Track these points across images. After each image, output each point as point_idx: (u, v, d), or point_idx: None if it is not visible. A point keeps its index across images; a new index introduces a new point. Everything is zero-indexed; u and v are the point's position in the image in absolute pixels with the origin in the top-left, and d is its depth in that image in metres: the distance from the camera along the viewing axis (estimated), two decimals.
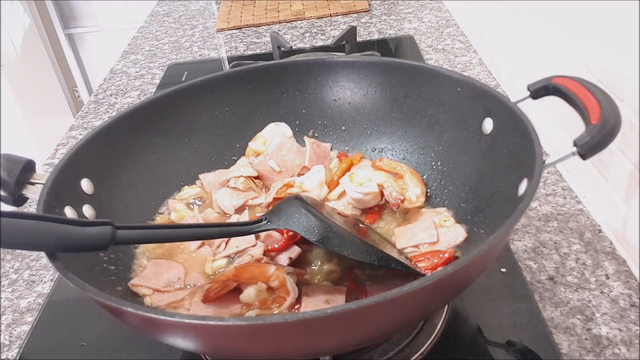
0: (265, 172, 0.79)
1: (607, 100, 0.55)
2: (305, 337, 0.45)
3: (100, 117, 1.23)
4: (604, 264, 0.70)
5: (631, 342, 0.60)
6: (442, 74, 0.73)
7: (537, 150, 0.54)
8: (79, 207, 0.63)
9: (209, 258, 0.68)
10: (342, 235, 0.59)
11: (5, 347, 0.69)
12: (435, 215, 0.69)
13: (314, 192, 0.75)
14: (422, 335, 0.62)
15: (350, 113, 0.82)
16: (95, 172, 0.67)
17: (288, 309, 0.59)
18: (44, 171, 1.02)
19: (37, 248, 0.53)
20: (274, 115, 0.83)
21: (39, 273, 0.81)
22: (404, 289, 0.41)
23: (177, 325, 0.44)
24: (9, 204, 0.60)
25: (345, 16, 1.56)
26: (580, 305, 0.65)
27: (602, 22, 0.70)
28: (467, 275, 0.50)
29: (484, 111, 0.67)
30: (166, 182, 0.77)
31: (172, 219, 0.73)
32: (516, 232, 0.76)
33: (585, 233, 0.75)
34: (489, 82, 1.13)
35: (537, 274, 0.69)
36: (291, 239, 0.67)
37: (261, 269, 0.61)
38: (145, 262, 0.67)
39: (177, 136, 0.79)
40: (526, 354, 0.60)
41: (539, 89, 0.61)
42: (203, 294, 0.62)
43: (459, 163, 0.71)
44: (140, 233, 0.56)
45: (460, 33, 1.37)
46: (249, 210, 0.75)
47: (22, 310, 0.75)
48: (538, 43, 0.92)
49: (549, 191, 0.83)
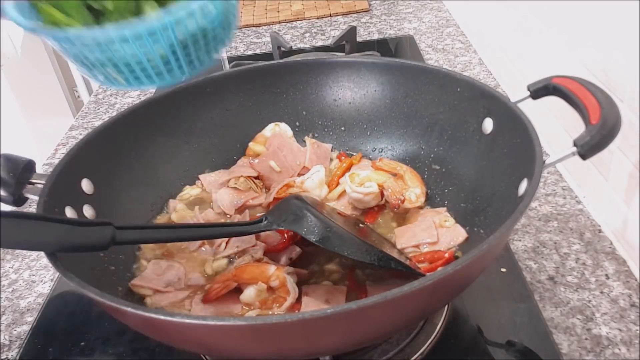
0: (266, 172, 0.79)
1: (607, 100, 0.55)
2: (305, 337, 0.45)
3: (100, 117, 1.23)
4: (604, 264, 0.70)
5: (631, 342, 0.60)
6: (442, 74, 0.73)
7: (537, 150, 0.54)
8: (79, 207, 0.63)
9: (210, 258, 0.68)
10: (342, 235, 0.59)
11: (5, 347, 0.69)
12: (435, 215, 0.69)
13: (314, 192, 0.75)
14: (422, 335, 0.62)
15: (350, 113, 0.82)
16: (95, 172, 0.67)
17: (288, 309, 0.59)
18: (44, 171, 1.02)
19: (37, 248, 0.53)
20: (274, 115, 0.83)
21: (39, 273, 0.81)
22: (404, 289, 0.41)
23: (178, 326, 0.44)
24: (9, 204, 0.60)
25: (345, 16, 1.56)
26: (580, 305, 0.65)
27: (602, 22, 0.70)
28: (467, 275, 0.50)
29: (484, 111, 0.67)
30: (166, 182, 0.77)
31: (172, 219, 0.73)
32: (516, 232, 0.76)
33: (585, 233, 0.75)
34: (489, 82, 1.13)
35: (537, 274, 0.69)
36: (291, 239, 0.67)
37: (261, 269, 0.61)
38: (146, 262, 0.67)
39: (177, 136, 0.79)
40: (526, 354, 0.60)
41: (539, 89, 0.61)
42: (203, 295, 0.62)
43: (459, 163, 0.71)
44: (140, 233, 0.56)
45: (460, 33, 1.37)
46: (249, 210, 0.75)
47: (22, 310, 0.75)
48: (538, 43, 0.92)
49: (549, 191, 0.83)
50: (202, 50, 0.49)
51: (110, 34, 0.45)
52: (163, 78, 0.49)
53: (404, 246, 0.66)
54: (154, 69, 0.47)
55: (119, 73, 0.48)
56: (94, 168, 0.67)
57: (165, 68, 0.48)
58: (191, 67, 0.49)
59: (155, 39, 0.45)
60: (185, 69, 0.49)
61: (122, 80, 0.49)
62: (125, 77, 0.48)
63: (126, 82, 0.49)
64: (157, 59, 0.47)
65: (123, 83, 0.50)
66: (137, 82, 0.49)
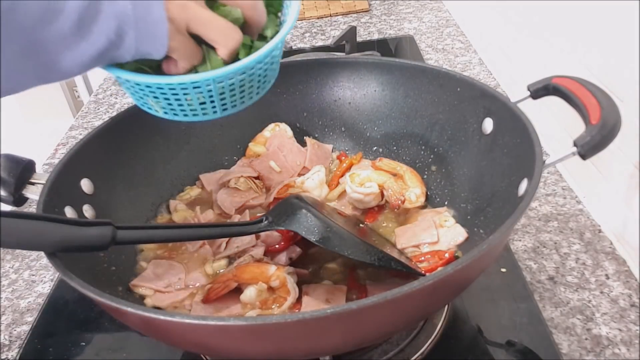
0: (266, 172, 0.79)
1: (607, 100, 0.55)
2: (305, 337, 0.45)
3: (100, 117, 1.23)
4: (604, 264, 0.70)
5: (631, 342, 0.60)
6: (442, 74, 0.73)
7: (537, 150, 0.54)
8: (79, 207, 0.63)
9: (210, 258, 0.68)
10: (342, 235, 0.59)
11: (5, 347, 0.69)
12: (436, 215, 0.69)
13: (314, 192, 0.75)
14: (422, 335, 0.62)
15: (350, 113, 0.82)
16: (95, 172, 0.67)
17: (289, 308, 0.59)
18: (44, 171, 1.02)
19: (37, 248, 0.53)
20: (274, 116, 0.83)
21: (39, 273, 0.81)
22: (404, 289, 0.41)
23: (178, 326, 0.44)
24: (9, 204, 0.60)
25: (345, 16, 1.56)
26: (580, 305, 0.65)
27: (602, 23, 0.70)
28: (467, 275, 0.50)
29: (484, 111, 0.67)
30: (166, 182, 0.77)
31: (173, 219, 0.73)
32: (516, 232, 0.76)
33: (585, 233, 0.75)
34: (489, 82, 1.13)
35: (537, 274, 0.69)
36: (291, 239, 0.67)
37: (262, 269, 0.61)
38: (146, 263, 0.67)
39: (177, 136, 0.79)
40: (526, 354, 0.60)
41: (539, 89, 0.61)
42: (204, 295, 0.62)
43: (459, 163, 0.71)
44: (141, 233, 0.56)
45: (460, 33, 1.37)
46: (249, 210, 0.75)
47: (22, 310, 0.75)
48: (538, 43, 0.92)
49: (549, 191, 0.83)
50: (236, 98, 0.53)
51: (158, 80, 0.49)
52: (196, 115, 0.53)
53: (404, 246, 0.66)
54: (190, 106, 0.52)
55: (157, 103, 0.52)
56: (94, 168, 0.67)
57: (200, 108, 0.52)
58: (223, 109, 0.53)
59: (198, 91, 0.50)
60: (219, 111, 0.53)
61: (159, 110, 0.53)
62: (163, 107, 0.53)
63: (162, 113, 0.54)
64: (196, 102, 0.51)
65: (159, 112, 0.54)
66: (172, 114, 0.53)
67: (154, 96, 0.51)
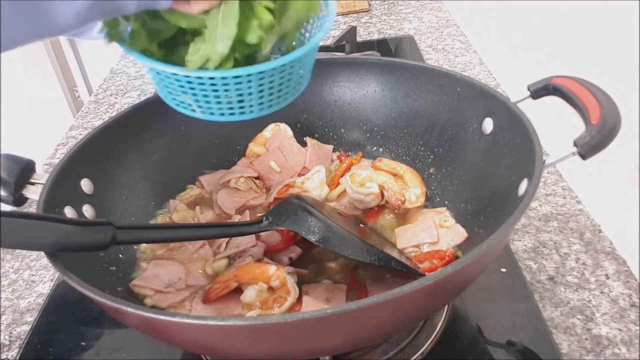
0: (266, 172, 0.79)
1: (607, 100, 0.55)
2: (305, 337, 0.45)
3: (100, 117, 1.23)
4: (604, 264, 0.70)
5: (631, 342, 0.60)
6: (442, 74, 0.73)
7: (537, 150, 0.54)
8: (79, 207, 0.63)
9: (210, 258, 0.68)
10: (342, 235, 0.59)
11: (5, 347, 0.69)
12: (436, 215, 0.69)
13: (314, 192, 0.75)
14: (422, 335, 0.62)
15: (350, 113, 0.82)
16: (95, 172, 0.67)
17: (289, 308, 0.59)
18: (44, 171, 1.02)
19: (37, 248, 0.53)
20: (274, 116, 0.82)
21: (39, 273, 0.81)
22: (404, 289, 0.41)
23: (178, 326, 0.44)
24: (9, 204, 0.60)
25: (345, 16, 1.56)
26: (580, 305, 0.65)
27: (602, 23, 0.70)
28: (467, 275, 0.50)
29: (484, 111, 0.67)
30: (166, 182, 0.77)
31: (173, 219, 0.73)
32: (516, 232, 0.76)
33: (585, 233, 0.75)
34: (489, 82, 1.13)
35: (537, 274, 0.69)
36: (292, 239, 0.67)
37: (262, 269, 0.61)
38: (146, 263, 0.67)
39: (178, 136, 0.79)
40: (526, 354, 0.60)
41: (539, 89, 0.61)
42: (204, 295, 0.62)
43: (459, 163, 0.71)
44: (140, 233, 0.56)
45: (460, 33, 1.37)
46: (249, 210, 0.75)
47: (22, 310, 0.75)
48: (538, 43, 0.92)
49: (549, 191, 0.83)
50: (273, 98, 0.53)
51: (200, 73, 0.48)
52: (233, 114, 0.53)
53: (405, 246, 0.66)
54: (229, 104, 0.52)
55: (195, 102, 0.52)
56: (94, 168, 0.67)
57: (238, 106, 0.52)
58: (259, 109, 0.54)
59: (239, 87, 0.50)
60: (255, 111, 0.53)
61: (196, 108, 0.53)
62: (200, 106, 0.52)
63: (200, 111, 0.53)
64: (234, 99, 0.51)
65: (196, 111, 0.53)
66: (208, 113, 0.53)
67: (193, 93, 0.50)
